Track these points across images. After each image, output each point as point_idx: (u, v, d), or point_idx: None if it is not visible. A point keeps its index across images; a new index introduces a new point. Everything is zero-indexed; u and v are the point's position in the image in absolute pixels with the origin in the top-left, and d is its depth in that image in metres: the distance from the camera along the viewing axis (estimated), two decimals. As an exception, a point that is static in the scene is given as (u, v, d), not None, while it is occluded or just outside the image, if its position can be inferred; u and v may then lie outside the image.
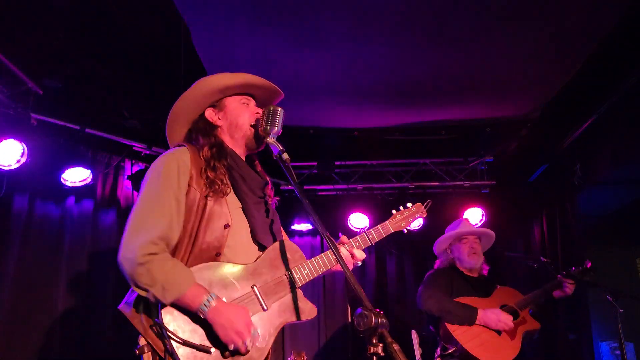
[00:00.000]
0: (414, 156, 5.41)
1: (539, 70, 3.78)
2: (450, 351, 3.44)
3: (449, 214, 5.09)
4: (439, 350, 3.58)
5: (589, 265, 3.71)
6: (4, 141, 3.68)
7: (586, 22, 3.21)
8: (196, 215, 1.93)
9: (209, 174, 1.97)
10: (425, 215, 2.56)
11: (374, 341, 1.43)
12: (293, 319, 2.01)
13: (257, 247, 2.05)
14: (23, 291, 3.89)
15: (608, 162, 4.73)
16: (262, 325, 1.91)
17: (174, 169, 1.94)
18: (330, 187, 5.49)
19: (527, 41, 3.41)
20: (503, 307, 3.60)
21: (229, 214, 1.97)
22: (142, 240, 1.80)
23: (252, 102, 2.23)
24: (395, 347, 1.40)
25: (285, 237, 2.18)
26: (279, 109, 2.02)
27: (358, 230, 5.39)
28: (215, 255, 1.93)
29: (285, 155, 1.91)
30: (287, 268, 2.04)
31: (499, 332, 3.49)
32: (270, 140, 1.99)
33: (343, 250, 2.18)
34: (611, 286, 3.55)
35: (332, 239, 1.70)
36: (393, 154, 5.41)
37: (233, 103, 2.18)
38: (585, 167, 5.14)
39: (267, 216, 2.12)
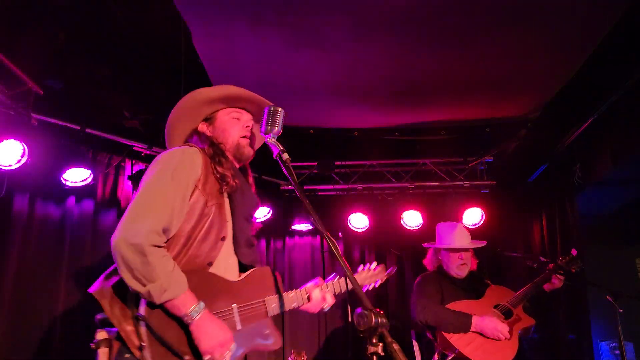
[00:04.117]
0: (414, 156, 5.40)
1: (539, 70, 3.78)
2: (449, 358, 3.44)
3: (448, 214, 5.10)
4: (436, 356, 3.57)
5: (574, 253, 3.74)
6: (5, 141, 3.67)
7: (586, 22, 3.22)
8: (197, 220, 1.95)
9: (218, 169, 2.02)
10: (383, 280, 2.73)
11: (374, 341, 1.43)
12: (259, 346, 2.05)
13: (236, 262, 2.08)
14: (24, 291, 3.89)
15: (608, 162, 4.73)
16: None
17: (186, 167, 1.97)
18: (330, 187, 5.48)
19: (527, 41, 3.41)
20: (496, 307, 3.61)
21: (227, 226, 2.02)
22: (148, 228, 1.78)
23: (246, 116, 2.28)
24: (395, 346, 1.40)
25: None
26: (279, 109, 2.02)
27: (358, 230, 5.41)
28: (207, 264, 1.95)
29: (286, 155, 1.90)
30: (265, 295, 2.10)
31: None
32: (271, 140, 1.98)
33: (316, 292, 2.28)
34: (611, 286, 3.54)
35: (332, 238, 1.69)
36: (393, 154, 5.41)
37: (223, 116, 2.24)
38: (585, 167, 5.15)
39: (250, 235, 2.17)
